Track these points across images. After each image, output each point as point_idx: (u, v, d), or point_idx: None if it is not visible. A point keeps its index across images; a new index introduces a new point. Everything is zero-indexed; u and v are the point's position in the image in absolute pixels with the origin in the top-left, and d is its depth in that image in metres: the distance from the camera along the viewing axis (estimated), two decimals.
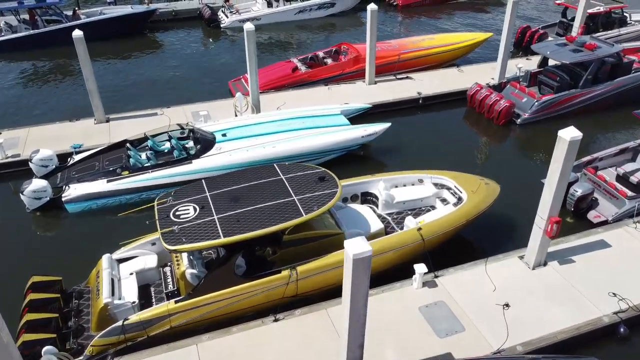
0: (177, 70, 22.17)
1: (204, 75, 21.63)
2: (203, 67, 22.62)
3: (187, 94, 19.34)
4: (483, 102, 17.24)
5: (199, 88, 20.18)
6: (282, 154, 13.63)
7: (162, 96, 19.31)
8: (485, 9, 31.66)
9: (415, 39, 21.36)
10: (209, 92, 19.41)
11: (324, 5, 29.04)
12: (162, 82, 20.87)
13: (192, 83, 20.77)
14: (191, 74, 21.82)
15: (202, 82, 20.91)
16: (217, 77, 21.13)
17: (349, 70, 19.36)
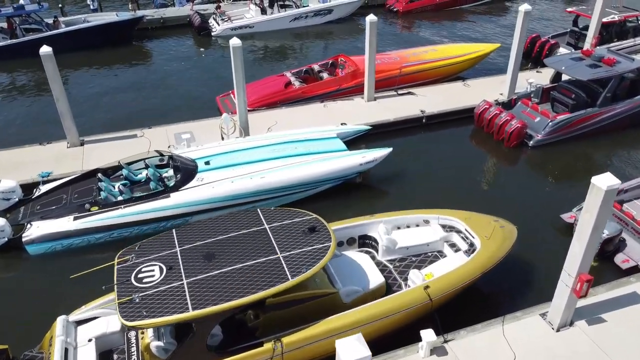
0: (163, 84, 20.84)
1: (192, 88, 20.30)
2: (191, 79, 21.28)
3: (171, 111, 18.03)
4: (492, 122, 15.92)
5: (185, 103, 18.85)
6: (271, 186, 12.31)
7: (144, 113, 17.98)
8: (490, 15, 30.37)
9: (417, 51, 20.03)
10: (196, 109, 18.08)
11: (320, 13, 27.73)
12: (145, 97, 19.53)
13: (178, 98, 19.44)
14: (178, 87, 20.49)
15: (189, 96, 19.57)
16: (206, 90, 19.80)
17: (346, 86, 18.03)
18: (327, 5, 27.71)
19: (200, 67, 22.74)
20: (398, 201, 13.07)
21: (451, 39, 25.79)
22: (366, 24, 16.35)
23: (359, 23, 28.85)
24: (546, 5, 32.76)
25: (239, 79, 14.28)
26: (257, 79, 19.30)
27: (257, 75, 20.50)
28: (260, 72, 21.55)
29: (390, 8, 30.45)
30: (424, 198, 13.18)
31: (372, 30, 16.29)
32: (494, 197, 13.38)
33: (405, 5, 29.92)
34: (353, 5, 28.73)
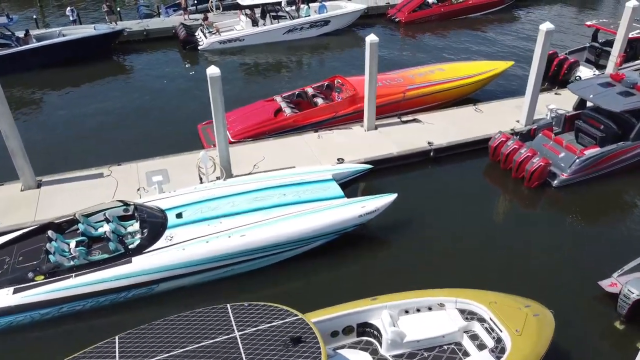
0: (141, 107, 18.97)
1: (173, 112, 18.43)
2: (173, 100, 19.40)
3: (147, 141, 16.18)
4: (510, 157, 14.06)
5: (164, 131, 16.99)
6: (253, 246, 10.45)
7: (117, 143, 16.14)
8: (499, 24, 28.55)
9: (422, 71, 18.18)
10: (175, 138, 16.23)
11: (316, 24, 25.89)
12: (120, 123, 17.65)
13: (156, 124, 17.58)
14: (157, 110, 18.62)
15: (169, 121, 17.71)
16: (189, 114, 17.92)
17: (343, 113, 16.19)
18: (324, 16, 25.88)
19: (184, 86, 20.86)
20: (401, 260, 11.27)
21: (458, 53, 23.97)
22: (366, 45, 14.51)
23: (358, 35, 27.03)
24: (558, 16, 30.95)
25: (218, 112, 12.42)
26: (244, 102, 17.50)
27: (244, 98, 18.71)
28: (248, 93, 19.72)
29: (392, 18, 28.60)
30: (433, 257, 11.37)
31: (372, 52, 14.46)
32: (515, 257, 11.49)
33: (407, 15, 28.08)
34: (352, 15, 26.91)
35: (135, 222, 11.17)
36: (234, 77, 21.75)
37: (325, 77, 20.72)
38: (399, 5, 28.98)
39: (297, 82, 20.62)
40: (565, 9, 32.52)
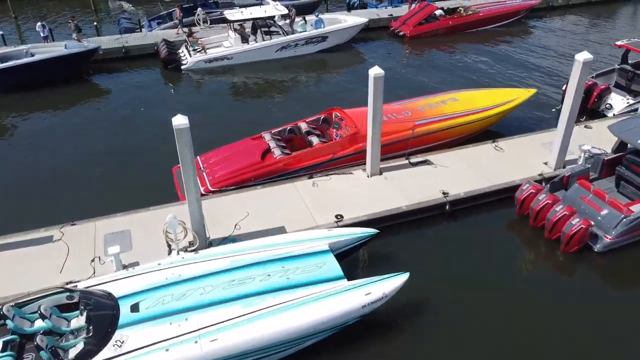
0: (110, 142, 16.71)
1: (147, 149, 16.18)
2: (148, 134, 17.15)
3: (113, 189, 13.98)
4: (542, 214, 11.85)
5: (133, 174, 14.78)
6: (225, 354, 8.20)
7: (76, 190, 13.93)
8: (512, 38, 26.42)
9: (432, 101, 15.97)
10: (147, 184, 14.03)
11: (312, 40, 23.70)
12: (82, 165, 15.38)
13: (125, 166, 15.33)
14: (128, 147, 16.36)
15: (141, 162, 15.49)
16: (165, 153, 15.50)
17: (342, 154, 13.97)
18: (321, 31, 23.70)
19: (163, 115, 18.28)
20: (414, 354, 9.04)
21: (470, 72, 21.78)
22: (369, 79, 12.29)
23: (358, 51, 24.89)
24: (573, 27, 28.80)
25: (188, 168, 10.17)
26: (229, 134, 15.50)
27: (228, 129, 16.67)
28: (234, 123, 17.59)
29: (396, 32, 26.44)
30: (453, 344, 9.13)
31: (377, 87, 12.24)
32: (557, 351, 9.27)
33: (412, 28, 25.91)
34: (352, 30, 24.74)
35: (80, 314, 8.91)
36: (218, 103, 19.56)
37: (322, 102, 18.79)
38: (403, 17, 26.82)
39: (290, 109, 18.51)
40: (580, 19, 30.41)
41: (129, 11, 33.28)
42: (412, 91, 19.88)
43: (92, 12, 32.62)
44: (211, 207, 12.07)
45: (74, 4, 34.85)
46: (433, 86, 20.48)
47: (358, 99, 18.51)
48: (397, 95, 19.07)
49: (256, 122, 17.61)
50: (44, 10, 33.18)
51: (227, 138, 16.01)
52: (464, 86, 20.33)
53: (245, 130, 16.82)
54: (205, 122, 17.71)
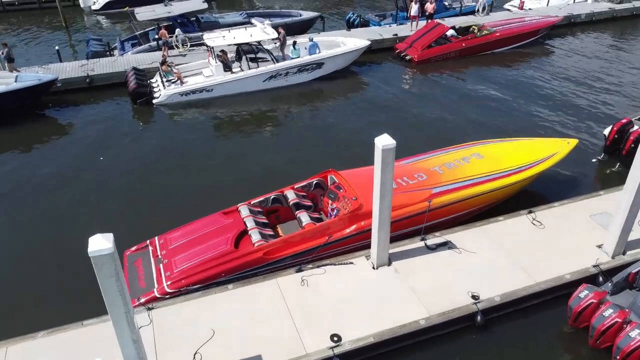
0: (46, 212, 13.64)
1: (103, 217, 13.25)
2: (100, 198, 14.20)
3: (40, 287, 11.04)
4: (608, 336, 8.93)
5: (73, 263, 11.78)
6: None
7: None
8: (532, 61, 23.61)
9: (452, 158, 13.03)
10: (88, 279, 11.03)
11: (307, 67, 20.81)
12: (10, 246, 12.44)
13: (63, 250, 12.34)
14: (68, 224, 13.26)
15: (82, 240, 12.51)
16: (122, 226, 12.74)
17: (340, 236, 11.02)
18: (317, 57, 20.80)
19: (123, 170, 15.68)
20: None
21: (489, 108, 18.87)
22: (376, 150, 9.38)
23: (359, 79, 22.02)
24: (597, 47, 25.92)
25: (116, 306, 7.16)
26: (199, 197, 12.61)
27: (199, 189, 13.74)
28: (207, 178, 14.62)
29: (402, 55, 23.56)
30: None
31: (385, 161, 9.33)
32: None
33: (421, 52, 23.03)
34: (352, 55, 21.88)
35: None
36: (193, 147, 16.69)
37: (316, 146, 16.09)
38: (410, 39, 23.96)
39: (278, 155, 15.77)
40: (605, 36, 27.62)
41: (106, 29, 30.38)
42: (421, 130, 17.19)
43: (64, 29, 29.77)
44: (164, 320, 9.21)
45: (42, 18, 32.03)
46: (446, 124, 17.59)
47: (359, 143, 15.84)
48: (406, 138, 16.24)
49: (235, 174, 14.88)
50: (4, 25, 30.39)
51: (198, 197, 13.34)
52: (482, 123, 17.59)
53: (221, 186, 14.11)
54: (174, 174, 14.99)
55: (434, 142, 15.95)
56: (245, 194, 12.35)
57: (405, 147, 15.76)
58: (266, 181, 13.79)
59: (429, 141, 16.17)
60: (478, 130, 17.02)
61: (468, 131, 16.97)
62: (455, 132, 16.89)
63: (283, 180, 12.83)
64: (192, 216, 11.76)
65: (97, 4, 32.95)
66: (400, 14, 27.71)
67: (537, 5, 30.56)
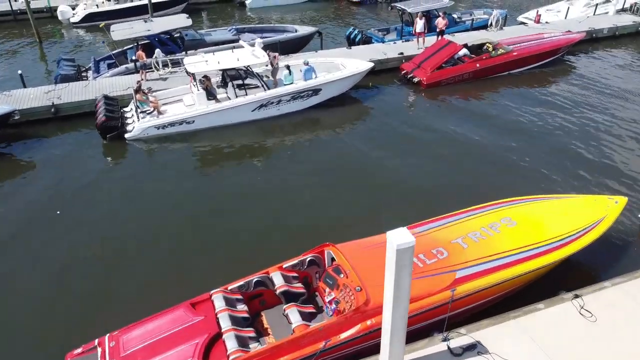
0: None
1: (48, 299, 10.92)
2: (53, 269, 11.88)
3: None
4: None
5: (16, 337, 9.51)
6: None
7: None
8: (554, 83, 21.35)
9: (478, 224, 10.70)
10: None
11: (301, 95, 18.49)
12: None
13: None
14: (13, 299, 11.06)
15: (25, 328, 10.21)
16: (53, 317, 10.44)
17: (339, 342, 8.67)
18: (313, 83, 18.49)
19: (84, 221, 13.36)
20: None
21: (511, 146, 16.52)
22: (388, 249, 7.04)
23: (360, 103, 19.78)
24: (622, 64, 23.60)
25: None
26: (157, 288, 10.26)
27: (169, 251, 11.47)
28: (180, 236, 12.29)
29: (409, 77, 21.26)
30: None
31: (401, 263, 6.98)
32: None
33: (430, 74, 20.74)
34: (353, 79, 19.60)
35: None
36: (167, 193, 14.35)
37: (311, 194, 13.73)
38: (418, 58, 21.66)
39: (266, 207, 13.33)
40: (631, 53, 25.25)
41: (86, 44, 28.04)
42: (434, 174, 14.77)
43: (36, 44, 27.46)
44: None
45: (17, 31, 29.71)
46: (463, 166, 15.24)
47: (361, 187, 13.55)
48: (416, 182, 14.11)
49: (215, 235, 12.54)
50: None
51: (166, 268, 11.14)
52: (505, 166, 15.17)
53: (198, 251, 11.83)
54: (141, 233, 12.65)
55: (449, 191, 13.72)
56: (223, 265, 10.15)
57: (416, 194, 13.64)
58: (252, 245, 11.53)
59: (443, 190, 13.90)
60: (501, 176, 14.71)
61: (490, 177, 14.66)
62: (475, 177, 14.59)
63: (273, 242, 10.63)
64: (156, 297, 9.48)
65: (76, 16, 30.66)
66: (406, 29, 25.41)
67: (555, 19, 28.28)
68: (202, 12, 34.75)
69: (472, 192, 13.51)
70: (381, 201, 13.61)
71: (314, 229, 12.42)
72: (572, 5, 29.35)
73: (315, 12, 33.97)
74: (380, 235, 9.79)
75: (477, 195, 12.53)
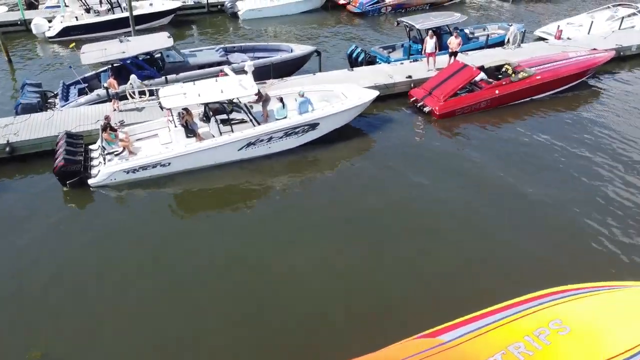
0: None
1: None
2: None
3: None
4: None
5: None
6: None
7: None
8: (583, 110, 19.04)
9: (521, 327, 8.31)
10: None
11: (296, 130, 16.11)
12: None
13: None
14: None
15: None
16: None
17: None
18: (310, 118, 16.11)
19: (34, 289, 10.99)
20: None
21: (546, 202, 14.10)
22: None
23: (363, 136, 17.47)
24: None
25: None
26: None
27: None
28: (145, 319, 9.92)
29: (419, 106, 18.89)
30: None
31: None
32: None
33: (444, 103, 18.38)
34: (355, 111, 17.22)
35: None
36: (127, 265, 11.91)
37: (307, 259, 11.35)
38: (429, 84, 19.28)
39: (253, 285, 10.90)
40: None
41: (63, 61, 25.64)
42: (453, 245, 12.29)
43: (5, 62, 25.06)
44: None
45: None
46: (488, 232, 12.83)
47: (370, 257, 11.20)
48: (439, 260, 11.75)
49: (190, 307, 10.14)
50: None
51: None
52: (541, 236, 12.60)
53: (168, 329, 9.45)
54: (101, 310, 10.23)
55: (472, 272, 11.31)
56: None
57: (436, 274, 11.15)
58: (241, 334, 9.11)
59: (471, 266, 11.48)
60: (538, 243, 12.32)
61: (525, 248, 12.26)
62: (508, 248, 12.21)
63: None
64: None
65: (52, 30, 28.27)
66: (414, 46, 23.02)
67: (577, 34, 25.88)
68: (191, 25, 32.39)
69: (504, 268, 11.15)
70: (388, 292, 11.17)
71: (312, 332, 10.07)
72: (594, 18, 26.96)
73: (313, 25, 31.58)
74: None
75: (502, 269, 10.17)
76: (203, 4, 33.95)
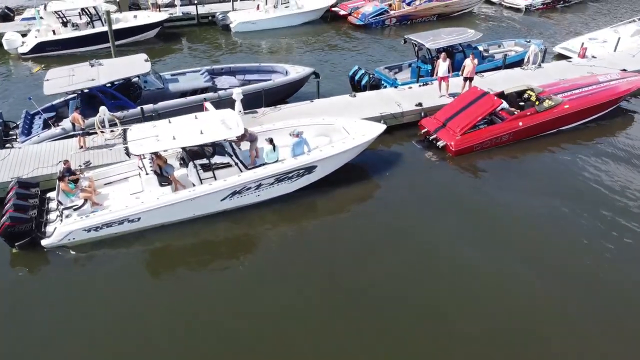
0: None
1: None
2: None
3: None
4: None
5: None
6: None
7: None
8: (615, 140, 16.66)
9: None
10: None
11: (290, 175, 13.81)
12: None
13: None
14: None
15: None
16: None
17: None
18: (306, 161, 13.82)
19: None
20: None
21: (580, 256, 11.82)
22: None
23: (366, 178, 15.17)
24: None
25: None
26: None
27: None
28: None
29: (433, 140, 16.60)
30: None
31: None
32: None
33: (460, 138, 16.12)
34: (357, 149, 14.92)
35: None
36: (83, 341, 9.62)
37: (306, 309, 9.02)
38: (442, 114, 17.04)
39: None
40: None
41: (37, 80, 23.33)
42: (476, 310, 9.94)
43: None
44: None
45: None
46: (513, 294, 10.54)
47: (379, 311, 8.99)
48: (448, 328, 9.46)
49: None
50: None
51: None
52: (584, 303, 10.28)
53: None
54: None
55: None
56: None
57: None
58: None
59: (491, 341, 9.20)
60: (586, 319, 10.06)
61: (565, 314, 9.99)
62: (538, 312, 9.93)
63: None
64: None
65: (25, 45, 26.01)
66: (423, 67, 20.73)
67: (602, 51, 23.62)
68: (180, 37, 30.12)
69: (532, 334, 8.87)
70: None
71: None
72: (618, 33, 24.71)
73: (311, 39, 29.29)
74: None
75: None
76: (192, 15, 31.69)
